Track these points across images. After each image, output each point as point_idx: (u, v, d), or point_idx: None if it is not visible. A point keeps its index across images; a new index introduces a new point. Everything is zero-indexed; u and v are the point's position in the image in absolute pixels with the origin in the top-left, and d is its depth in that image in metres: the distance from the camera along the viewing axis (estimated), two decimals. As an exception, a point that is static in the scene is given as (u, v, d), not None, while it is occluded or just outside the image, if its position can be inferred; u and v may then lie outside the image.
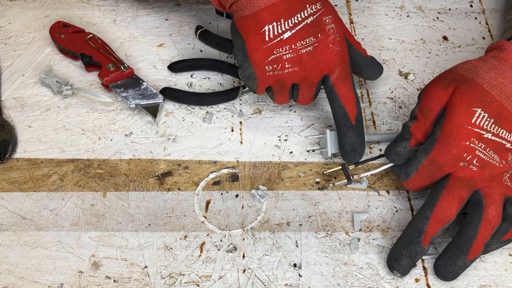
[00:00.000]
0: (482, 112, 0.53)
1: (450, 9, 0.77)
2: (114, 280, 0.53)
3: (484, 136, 0.52)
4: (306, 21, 0.57)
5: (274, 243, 0.55)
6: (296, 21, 0.57)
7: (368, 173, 0.58)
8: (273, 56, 0.57)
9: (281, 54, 0.57)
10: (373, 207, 0.58)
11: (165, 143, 0.62)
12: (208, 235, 0.56)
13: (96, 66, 0.67)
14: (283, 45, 0.57)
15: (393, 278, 0.53)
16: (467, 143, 0.52)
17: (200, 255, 0.54)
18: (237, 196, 0.59)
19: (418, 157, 0.54)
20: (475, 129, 0.52)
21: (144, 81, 0.66)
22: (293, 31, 0.57)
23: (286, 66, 0.57)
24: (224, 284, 0.53)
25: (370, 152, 0.62)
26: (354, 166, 0.59)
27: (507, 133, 0.53)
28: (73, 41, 0.68)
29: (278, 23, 0.57)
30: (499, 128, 0.53)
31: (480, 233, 0.51)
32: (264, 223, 0.57)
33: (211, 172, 0.60)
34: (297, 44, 0.57)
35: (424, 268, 0.54)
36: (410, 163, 0.55)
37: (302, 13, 0.57)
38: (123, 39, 0.72)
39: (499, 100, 0.53)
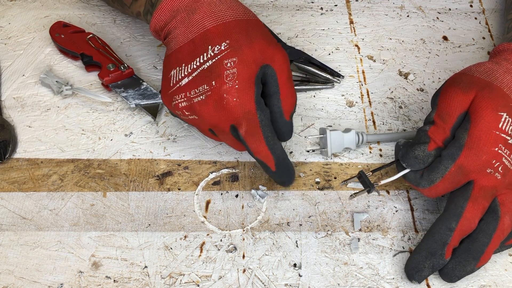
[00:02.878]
0: (508, 117, 0.51)
1: (450, 9, 0.77)
2: (114, 280, 0.53)
3: (509, 142, 0.51)
4: (204, 66, 0.53)
5: (274, 243, 0.55)
6: (195, 66, 0.53)
7: (387, 180, 0.55)
8: (173, 103, 0.55)
9: (177, 101, 0.54)
10: (373, 207, 0.58)
11: (165, 143, 0.62)
12: (208, 235, 0.56)
13: (96, 66, 0.67)
14: (180, 93, 0.54)
15: (393, 278, 0.53)
16: (496, 149, 0.51)
17: (200, 255, 0.54)
18: (237, 196, 0.59)
19: (443, 163, 0.51)
20: (502, 135, 0.51)
21: (144, 81, 0.66)
22: (190, 78, 0.53)
23: (186, 113, 0.54)
24: (224, 284, 0.53)
25: (370, 152, 0.62)
26: (371, 173, 0.56)
27: None
28: (73, 41, 0.68)
29: (180, 68, 0.54)
30: None
31: (493, 242, 0.51)
32: (264, 223, 0.57)
33: (211, 172, 0.60)
34: (191, 92, 0.53)
35: (424, 268, 0.54)
36: (434, 169, 0.52)
37: (201, 56, 0.53)
38: (123, 39, 0.72)
39: None
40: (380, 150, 0.62)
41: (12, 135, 0.62)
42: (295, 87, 0.67)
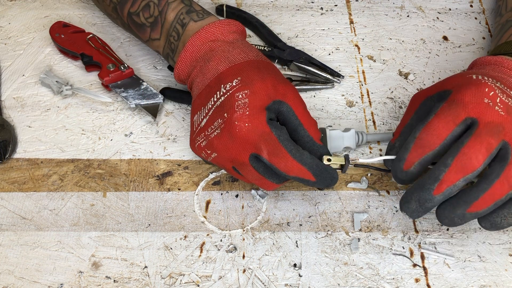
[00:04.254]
0: (490, 80, 0.52)
1: (450, 9, 0.77)
2: (114, 280, 0.53)
3: (497, 85, 0.51)
4: (217, 103, 0.54)
5: (274, 243, 0.55)
6: (210, 106, 0.54)
7: (366, 161, 0.55)
8: (196, 144, 0.56)
9: (199, 142, 0.55)
10: (373, 207, 0.58)
11: (165, 143, 0.62)
12: (208, 235, 0.56)
13: (96, 66, 0.67)
14: (200, 133, 0.55)
15: (393, 278, 0.53)
16: (483, 81, 0.50)
17: (200, 255, 0.54)
18: (237, 196, 0.59)
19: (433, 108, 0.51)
20: (488, 81, 0.51)
21: (144, 81, 0.66)
22: (207, 117, 0.54)
23: (208, 152, 0.54)
24: (224, 284, 0.53)
25: (370, 152, 0.62)
26: (353, 166, 0.57)
27: None
28: (73, 41, 0.68)
29: (200, 112, 0.56)
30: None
31: (493, 189, 0.47)
32: (264, 223, 0.57)
33: (211, 172, 0.60)
34: (208, 130, 0.54)
35: (424, 268, 0.54)
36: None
37: (215, 95, 0.54)
38: (123, 39, 0.72)
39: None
40: (380, 150, 0.62)
41: (12, 135, 0.62)
42: (296, 87, 0.67)
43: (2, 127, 0.62)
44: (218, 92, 0.54)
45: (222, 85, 0.54)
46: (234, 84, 0.54)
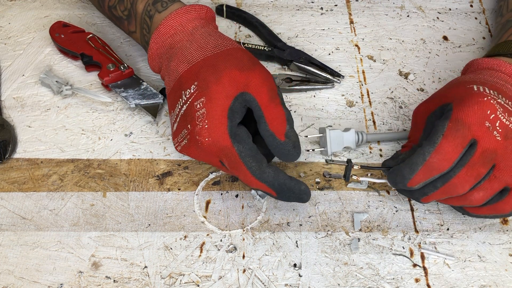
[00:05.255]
0: (491, 91, 0.52)
1: (450, 9, 0.77)
2: (114, 280, 0.53)
3: (499, 100, 0.51)
4: (181, 111, 0.54)
5: (274, 243, 0.55)
6: (177, 112, 0.55)
7: (368, 179, 0.56)
8: (175, 145, 0.57)
9: (176, 145, 0.56)
10: (373, 207, 0.58)
11: (165, 143, 0.62)
12: (208, 235, 0.56)
13: (96, 66, 0.67)
14: (174, 137, 0.56)
15: (393, 278, 0.53)
16: (485, 99, 0.50)
17: (200, 255, 0.54)
18: (237, 196, 0.59)
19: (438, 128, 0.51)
20: (489, 97, 0.51)
21: (144, 81, 0.66)
22: (176, 124, 0.55)
23: (186, 153, 0.56)
24: (224, 284, 0.53)
25: (371, 152, 0.62)
26: (359, 167, 0.56)
27: None
28: (73, 41, 0.68)
29: (171, 115, 0.57)
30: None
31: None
32: (264, 223, 0.57)
33: (211, 172, 0.60)
34: (179, 137, 0.55)
35: (424, 268, 0.54)
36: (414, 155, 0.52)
37: (179, 102, 0.54)
38: (123, 39, 0.72)
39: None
40: (381, 150, 0.62)
41: (12, 135, 0.62)
42: (295, 87, 0.67)
43: (2, 127, 0.62)
44: (180, 100, 0.54)
45: (183, 92, 0.54)
46: (192, 91, 0.53)
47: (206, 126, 0.51)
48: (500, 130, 0.50)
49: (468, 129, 0.50)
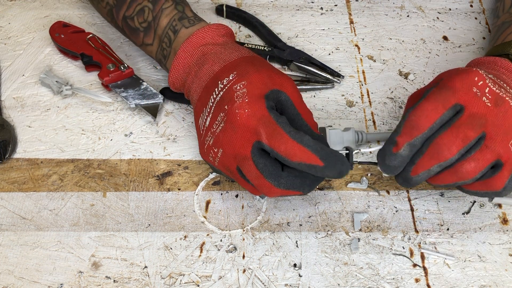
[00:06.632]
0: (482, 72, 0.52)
1: (450, 9, 0.77)
2: (114, 280, 0.53)
3: (489, 76, 0.51)
4: (217, 99, 0.54)
5: (274, 243, 0.55)
6: (211, 104, 0.54)
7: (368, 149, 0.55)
8: (205, 146, 0.54)
9: (208, 142, 0.54)
10: (373, 207, 0.58)
11: (165, 143, 0.62)
12: (208, 235, 0.56)
13: (96, 66, 0.67)
14: (207, 132, 0.54)
15: (393, 278, 0.53)
16: (474, 69, 0.50)
17: (200, 255, 0.54)
18: (237, 196, 0.59)
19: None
20: (479, 71, 0.51)
21: (144, 81, 0.66)
22: (210, 115, 0.54)
23: (215, 151, 0.53)
24: (224, 284, 0.53)
25: (370, 152, 0.62)
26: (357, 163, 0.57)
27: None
28: (73, 41, 0.68)
29: (202, 113, 0.55)
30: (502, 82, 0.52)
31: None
32: (264, 223, 0.57)
33: (211, 172, 0.60)
34: (213, 126, 0.53)
35: (424, 268, 0.54)
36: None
37: (214, 93, 0.54)
38: (123, 39, 0.72)
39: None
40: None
41: (12, 135, 0.62)
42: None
43: (2, 127, 0.62)
44: (216, 89, 0.54)
45: (220, 81, 0.54)
46: (231, 78, 0.54)
47: (247, 100, 0.51)
48: (489, 97, 0.50)
49: (453, 93, 0.50)
